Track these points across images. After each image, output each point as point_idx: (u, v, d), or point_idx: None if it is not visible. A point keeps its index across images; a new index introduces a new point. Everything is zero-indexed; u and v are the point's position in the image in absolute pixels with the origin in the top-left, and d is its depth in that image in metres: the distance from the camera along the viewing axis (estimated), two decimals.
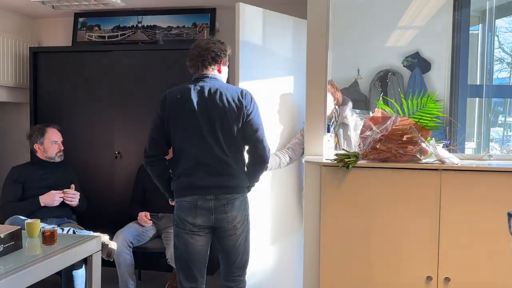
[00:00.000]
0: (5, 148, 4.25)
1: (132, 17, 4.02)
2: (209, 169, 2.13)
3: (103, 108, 3.78)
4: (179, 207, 2.18)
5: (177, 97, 2.18)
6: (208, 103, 2.15)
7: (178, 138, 2.18)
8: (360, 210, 2.30)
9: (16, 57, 3.95)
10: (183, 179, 2.16)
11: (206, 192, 2.13)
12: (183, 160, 2.17)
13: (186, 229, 2.16)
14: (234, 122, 2.16)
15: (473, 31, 3.20)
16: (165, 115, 2.18)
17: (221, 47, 2.26)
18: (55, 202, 3.01)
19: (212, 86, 2.19)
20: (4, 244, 1.95)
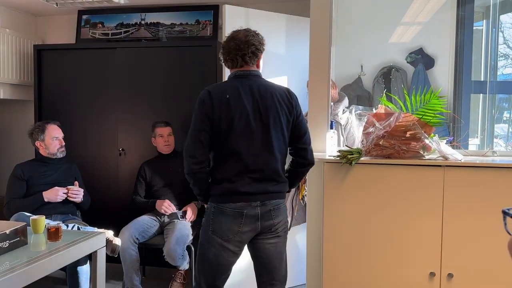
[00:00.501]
0: (10, 146, 4.27)
1: (135, 14, 4.03)
2: (257, 175, 1.98)
3: (107, 105, 3.79)
4: (220, 212, 1.99)
5: (226, 97, 1.97)
6: (260, 104, 1.98)
7: (227, 142, 1.97)
8: (363, 206, 2.31)
9: (20, 55, 3.97)
10: (226, 185, 1.98)
11: (252, 199, 1.98)
12: (230, 165, 1.98)
13: (223, 238, 1.99)
14: (285, 125, 2.03)
15: (477, 27, 3.18)
16: (214, 116, 1.96)
17: (260, 40, 2.08)
18: (59, 198, 3.02)
19: (260, 85, 2.03)
20: (10, 240, 1.97)
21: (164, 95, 3.69)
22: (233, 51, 2.03)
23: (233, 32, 2.08)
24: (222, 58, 2.10)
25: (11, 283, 1.71)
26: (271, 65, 3.20)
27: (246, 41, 2.02)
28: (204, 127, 1.97)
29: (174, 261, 3.02)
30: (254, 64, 2.07)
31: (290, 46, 3.29)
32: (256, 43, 2.04)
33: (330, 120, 2.58)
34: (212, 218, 2.02)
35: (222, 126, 1.96)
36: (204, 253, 2.05)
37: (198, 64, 3.62)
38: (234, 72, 2.07)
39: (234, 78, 2.06)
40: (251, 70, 2.06)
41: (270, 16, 3.22)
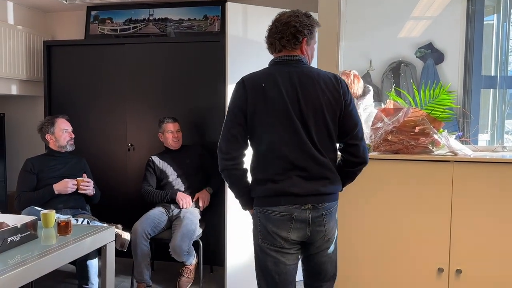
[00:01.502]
0: (20, 141, 4.32)
1: (144, 10, 4.04)
2: (305, 173, 1.75)
3: (116, 100, 3.82)
4: (266, 218, 1.78)
5: (262, 86, 1.76)
6: (300, 93, 1.75)
7: (265, 136, 1.76)
8: (371, 202, 2.30)
9: (30, 51, 4.00)
10: (270, 186, 1.76)
11: (302, 201, 1.74)
12: (271, 162, 1.76)
13: (276, 245, 1.78)
14: (330, 116, 1.77)
15: (487, 21, 3.15)
16: (248, 108, 1.76)
17: (306, 21, 1.83)
18: (69, 190, 3.05)
19: (301, 72, 1.79)
20: (21, 234, 1.99)
21: (173, 90, 3.71)
22: (272, 34, 1.85)
23: (278, 14, 1.89)
24: (266, 42, 1.91)
25: (22, 276, 1.74)
26: None
27: (287, 23, 1.81)
28: (237, 120, 1.77)
29: (179, 257, 3.04)
30: (295, 48, 1.82)
31: None
32: (297, 24, 1.80)
33: None
34: (259, 224, 1.81)
35: (258, 119, 1.75)
36: (262, 265, 1.82)
37: (206, 59, 3.62)
38: (274, 57, 1.87)
39: (273, 64, 1.85)
40: (292, 55, 1.83)
41: (273, 12, 3.21)
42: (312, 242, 1.81)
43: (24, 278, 1.76)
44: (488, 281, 2.20)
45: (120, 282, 3.33)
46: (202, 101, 3.66)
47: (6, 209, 3.92)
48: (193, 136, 3.65)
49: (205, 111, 3.66)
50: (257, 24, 3.17)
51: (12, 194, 3.63)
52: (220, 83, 3.49)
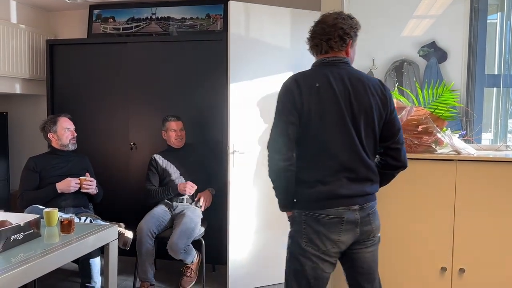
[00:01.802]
0: (23, 140, 4.33)
1: (146, 9, 4.04)
2: (353, 175, 1.75)
3: (118, 99, 3.82)
4: (315, 221, 1.75)
5: (316, 85, 1.74)
6: (352, 94, 1.75)
7: (319, 136, 1.74)
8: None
9: (33, 50, 4.01)
10: (320, 188, 1.74)
11: (351, 202, 1.75)
12: (323, 164, 1.74)
13: (321, 249, 1.76)
14: (378, 120, 1.79)
15: (491, 20, 3.14)
16: (304, 107, 1.73)
17: (351, 23, 1.85)
18: (71, 189, 3.06)
19: (351, 74, 1.80)
20: (24, 232, 2.00)
21: (175, 89, 3.71)
22: (318, 36, 1.83)
23: (322, 15, 1.87)
24: (307, 44, 1.90)
25: (25, 274, 1.74)
26: (276, 60, 3.20)
27: (334, 24, 1.81)
28: (291, 119, 1.73)
29: (176, 254, 3.03)
30: (342, 50, 1.83)
31: (296, 41, 3.29)
32: (345, 26, 1.81)
33: None
34: (305, 228, 1.77)
35: (312, 118, 1.73)
36: (299, 269, 1.79)
37: (208, 58, 3.62)
38: (320, 58, 1.85)
39: (321, 65, 1.83)
40: (340, 57, 1.83)
41: (276, 11, 3.21)
42: (360, 241, 1.81)
43: (27, 276, 1.77)
44: (491, 280, 2.19)
45: (122, 281, 3.33)
46: (204, 100, 3.66)
47: (9, 208, 3.94)
48: (196, 134, 3.65)
49: (207, 110, 3.66)
50: (260, 22, 3.17)
51: (15, 192, 3.64)
52: (222, 82, 3.49)
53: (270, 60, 3.19)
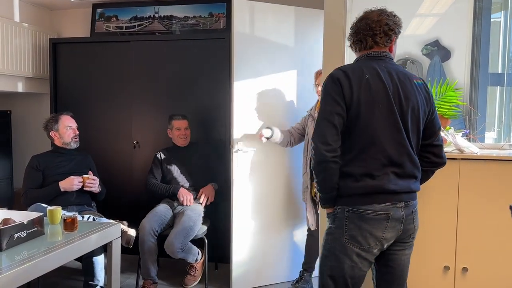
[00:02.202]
0: (27, 138, 4.34)
1: (149, 8, 4.05)
2: (400, 170, 1.73)
3: (121, 98, 3.83)
4: (359, 217, 1.71)
5: (366, 77, 1.72)
6: (401, 89, 1.74)
7: (368, 129, 1.70)
8: None
9: (36, 48, 4.02)
10: (368, 182, 1.70)
11: (397, 199, 1.72)
12: (371, 157, 1.70)
13: (363, 247, 1.72)
14: (422, 117, 1.78)
15: (495, 19, 3.13)
16: (353, 98, 1.69)
17: (395, 20, 1.84)
18: (74, 187, 3.06)
19: (397, 69, 1.79)
20: (28, 230, 2.00)
21: (178, 88, 3.71)
22: (362, 31, 1.82)
23: (365, 12, 1.86)
24: (349, 39, 1.88)
25: (29, 272, 1.75)
26: (280, 59, 3.20)
27: (379, 20, 1.80)
28: (338, 110, 1.70)
29: (173, 254, 3.03)
30: (387, 46, 1.83)
31: (300, 39, 3.29)
32: (390, 22, 1.80)
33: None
34: (347, 224, 1.73)
35: (361, 110, 1.69)
36: (336, 266, 1.75)
37: (211, 57, 3.62)
38: (365, 53, 1.83)
39: (367, 59, 1.81)
40: (385, 52, 1.82)
41: (280, 9, 3.21)
42: (400, 241, 1.79)
43: (31, 274, 1.78)
44: (495, 279, 2.19)
45: (125, 279, 3.34)
46: (207, 98, 3.66)
47: (12, 206, 3.95)
48: (199, 133, 3.65)
49: (210, 108, 3.67)
50: (264, 21, 3.17)
51: (19, 190, 3.65)
52: (225, 80, 3.49)
53: (274, 58, 3.18)
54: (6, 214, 2.16)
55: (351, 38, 1.87)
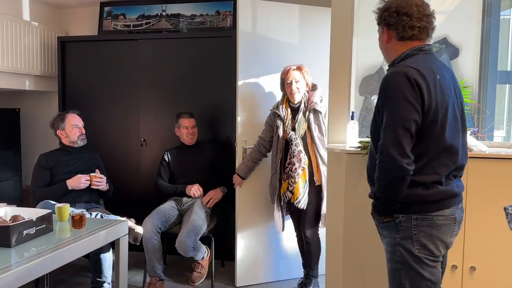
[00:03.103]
0: (35, 136, 4.37)
1: (156, 6, 4.05)
2: (460, 172, 1.68)
3: (128, 96, 3.84)
4: (429, 224, 1.61)
5: (437, 78, 1.57)
6: (456, 88, 1.66)
7: (440, 134, 1.58)
8: None
9: (44, 47, 4.04)
10: (438, 189, 1.60)
11: (458, 200, 1.67)
12: (440, 163, 1.59)
13: (435, 254, 1.63)
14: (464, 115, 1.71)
15: (504, 16, 3.10)
16: (431, 103, 1.54)
17: None
18: (82, 186, 3.09)
19: (446, 66, 1.70)
20: (37, 227, 2.02)
21: (185, 86, 3.72)
22: (424, 18, 1.63)
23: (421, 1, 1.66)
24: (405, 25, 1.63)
25: (37, 269, 1.76)
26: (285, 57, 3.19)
27: (431, 14, 1.66)
28: (416, 117, 1.52)
29: (184, 252, 3.05)
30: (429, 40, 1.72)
31: (305, 37, 3.28)
32: (434, 19, 1.68)
33: (351, 110, 2.55)
34: (416, 233, 1.61)
35: (438, 114, 1.55)
36: (415, 276, 1.63)
37: (218, 55, 3.63)
38: (416, 46, 1.65)
39: (424, 54, 1.65)
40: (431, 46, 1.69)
41: (285, 8, 3.20)
42: None
43: (40, 271, 1.79)
44: (502, 278, 2.17)
45: (133, 276, 3.36)
46: (214, 97, 3.67)
47: (21, 203, 3.98)
48: (206, 132, 3.66)
49: (217, 106, 3.67)
50: (268, 19, 3.17)
51: (27, 188, 3.68)
52: (232, 78, 3.50)
53: (278, 56, 3.18)
54: (15, 211, 2.18)
55: (408, 22, 1.63)
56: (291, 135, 2.88)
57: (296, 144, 2.86)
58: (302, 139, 2.89)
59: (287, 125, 2.92)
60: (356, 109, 3.08)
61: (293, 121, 2.91)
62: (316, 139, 2.87)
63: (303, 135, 2.90)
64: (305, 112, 2.90)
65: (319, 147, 2.87)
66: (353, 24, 2.52)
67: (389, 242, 1.68)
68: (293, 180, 2.84)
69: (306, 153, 2.88)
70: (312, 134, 2.88)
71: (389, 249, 1.68)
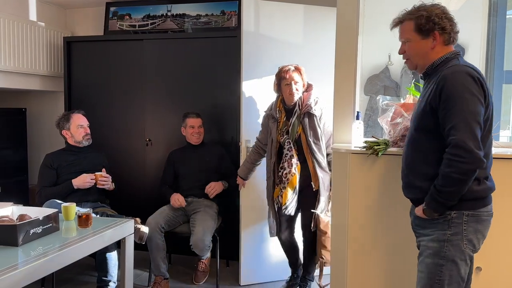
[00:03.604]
0: (41, 135, 4.40)
1: (162, 6, 4.07)
2: None
3: (134, 96, 3.86)
4: (476, 220, 1.69)
5: (483, 77, 1.68)
6: None
7: (491, 132, 1.71)
8: (389, 199, 2.28)
9: (50, 47, 4.07)
10: (487, 184, 1.70)
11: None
12: (489, 158, 1.72)
13: (476, 249, 1.73)
14: None
15: (510, 15, 3.08)
16: (490, 102, 1.66)
17: None
18: (87, 185, 3.10)
19: None
20: (43, 226, 2.03)
21: (190, 86, 3.73)
22: (455, 25, 1.77)
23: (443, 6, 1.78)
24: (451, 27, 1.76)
25: (44, 267, 1.78)
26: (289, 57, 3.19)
27: None
28: (482, 111, 1.61)
29: (201, 251, 3.07)
30: None
31: (310, 37, 3.28)
32: None
33: (356, 110, 2.55)
34: (465, 229, 1.67)
35: (490, 112, 1.67)
36: (455, 274, 1.69)
37: (223, 55, 3.63)
38: (453, 51, 1.77)
39: (460, 57, 1.75)
40: None
41: (290, 8, 3.21)
42: None
43: (46, 269, 1.80)
44: (508, 279, 2.16)
45: (138, 275, 3.38)
46: (220, 97, 3.67)
47: (28, 202, 4.01)
48: (211, 131, 3.66)
49: (223, 107, 3.67)
50: (273, 19, 3.16)
51: (34, 187, 3.71)
52: (237, 78, 3.50)
53: (283, 56, 3.18)
54: (22, 210, 2.20)
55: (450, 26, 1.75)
56: (284, 139, 2.82)
57: (288, 149, 2.80)
58: (297, 143, 2.82)
59: (281, 127, 2.85)
60: (361, 109, 3.08)
61: (287, 123, 2.83)
62: (312, 144, 2.79)
63: (298, 139, 2.82)
64: (299, 115, 2.81)
65: (315, 152, 2.79)
66: (359, 23, 2.52)
67: (435, 238, 1.72)
68: (283, 185, 2.80)
69: (301, 157, 2.81)
70: (307, 139, 2.79)
71: (435, 245, 1.72)
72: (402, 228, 2.27)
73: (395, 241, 2.29)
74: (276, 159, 2.88)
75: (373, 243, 2.32)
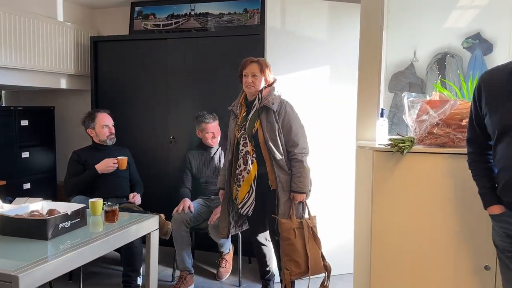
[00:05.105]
0: (69, 133, 4.51)
1: (185, 5, 4.11)
2: None
3: (158, 94, 3.91)
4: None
5: None
6: None
7: None
8: (414, 197, 2.25)
9: (77, 46, 4.16)
10: None
11: None
12: None
13: None
14: None
15: None
16: None
17: None
18: (110, 169, 3.15)
19: None
20: (71, 221, 2.08)
21: (214, 84, 3.75)
22: None
23: None
24: None
25: (72, 261, 1.82)
26: (313, 54, 3.17)
27: None
28: None
29: (216, 237, 3.12)
30: None
31: (334, 34, 3.25)
32: None
33: (380, 107, 2.52)
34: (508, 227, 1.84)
35: None
36: None
37: (246, 53, 3.62)
38: None
39: None
40: None
41: (313, 4, 3.19)
42: None
43: (74, 263, 1.84)
44: None
45: (162, 271, 3.42)
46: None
47: (56, 198, 4.12)
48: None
49: None
50: (297, 16, 3.16)
51: (62, 184, 3.80)
52: None
53: (307, 53, 3.17)
54: (51, 205, 2.26)
55: None
56: (241, 134, 2.70)
57: (244, 144, 2.68)
58: (254, 139, 2.68)
59: (239, 123, 2.74)
60: (385, 106, 3.04)
61: (246, 118, 2.71)
62: (268, 139, 2.63)
63: (255, 134, 2.67)
64: (257, 110, 2.67)
65: (272, 149, 2.63)
66: (383, 19, 2.49)
67: None
68: (239, 183, 2.71)
69: (258, 154, 2.68)
70: (264, 135, 2.64)
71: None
72: (430, 229, 2.23)
73: (422, 243, 2.25)
74: (232, 156, 2.79)
75: (397, 241, 2.29)
